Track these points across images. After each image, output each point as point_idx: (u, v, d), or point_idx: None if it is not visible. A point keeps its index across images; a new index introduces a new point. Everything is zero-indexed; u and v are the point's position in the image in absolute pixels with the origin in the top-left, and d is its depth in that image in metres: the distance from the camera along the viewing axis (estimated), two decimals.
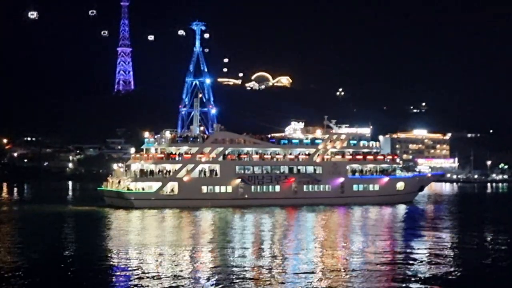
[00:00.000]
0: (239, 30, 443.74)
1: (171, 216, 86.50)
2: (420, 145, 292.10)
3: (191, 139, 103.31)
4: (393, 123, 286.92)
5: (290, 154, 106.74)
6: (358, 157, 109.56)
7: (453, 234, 66.75)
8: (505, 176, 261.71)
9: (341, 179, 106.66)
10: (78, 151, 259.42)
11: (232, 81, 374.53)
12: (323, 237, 63.79)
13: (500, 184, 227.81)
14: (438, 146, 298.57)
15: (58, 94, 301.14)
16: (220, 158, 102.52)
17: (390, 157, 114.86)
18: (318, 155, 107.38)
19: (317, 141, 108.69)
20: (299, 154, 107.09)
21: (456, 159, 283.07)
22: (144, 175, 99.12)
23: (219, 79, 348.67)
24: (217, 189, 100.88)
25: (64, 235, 65.64)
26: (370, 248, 55.54)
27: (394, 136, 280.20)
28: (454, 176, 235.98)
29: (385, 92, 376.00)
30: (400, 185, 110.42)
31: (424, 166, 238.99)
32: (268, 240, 61.68)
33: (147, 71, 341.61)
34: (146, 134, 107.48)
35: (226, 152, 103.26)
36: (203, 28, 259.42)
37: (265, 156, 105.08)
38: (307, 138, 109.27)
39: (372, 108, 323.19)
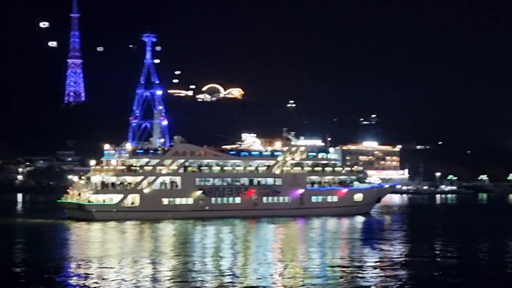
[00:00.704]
0: (191, 42, 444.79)
1: (132, 228, 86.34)
2: (370, 157, 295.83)
3: (152, 151, 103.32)
4: (343, 135, 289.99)
5: (250, 166, 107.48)
6: (317, 169, 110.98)
7: (408, 245, 67.51)
8: (454, 187, 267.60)
9: (300, 191, 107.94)
10: (28, 163, 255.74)
11: (183, 93, 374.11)
12: (282, 249, 64.25)
13: (449, 195, 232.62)
14: (388, 157, 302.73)
15: (6, 106, 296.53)
16: (181, 170, 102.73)
17: (348, 168, 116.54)
18: (278, 167, 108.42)
19: (276, 153, 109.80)
20: (258, 166, 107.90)
21: (406, 170, 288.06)
22: (105, 187, 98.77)
23: (170, 91, 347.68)
24: (178, 201, 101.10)
25: (20, 248, 64.99)
26: (327, 260, 56.10)
27: (345, 147, 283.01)
28: (404, 188, 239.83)
29: (335, 104, 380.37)
30: (358, 197, 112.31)
31: (374, 177, 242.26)
32: (228, 252, 61.75)
33: (98, 83, 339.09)
34: (107, 146, 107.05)
35: (187, 164, 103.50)
36: (154, 40, 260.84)
37: (226, 168, 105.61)
38: (266, 150, 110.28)
39: (323, 120, 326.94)
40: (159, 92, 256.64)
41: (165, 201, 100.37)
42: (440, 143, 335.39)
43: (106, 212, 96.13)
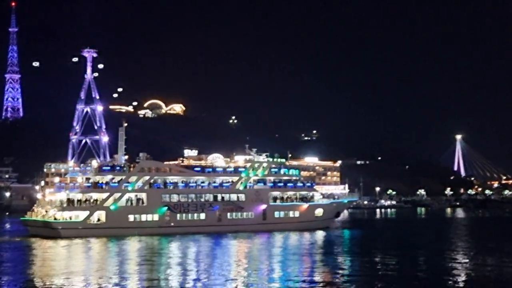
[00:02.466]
0: (132, 57, 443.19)
1: (97, 245, 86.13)
2: (311, 172, 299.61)
3: (118, 168, 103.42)
4: (284, 151, 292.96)
5: (214, 182, 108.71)
6: (279, 184, 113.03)
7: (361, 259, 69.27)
8: (393, 202, 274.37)
9: (263, 206, 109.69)
10: None
11: (124, 109, 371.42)
12: (245, 265, 64.77)
13: (388, 210, 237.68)
14: (329, 173, 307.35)
15: None
16: (147, 187, 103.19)
17: (308, 184, 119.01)
18: (241, 183, 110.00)
19: (240, 169, 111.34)
20: (222, 182, 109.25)
21: (346, 185, 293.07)
22: (71, 204, 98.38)
23: (111, 107, 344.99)
24: (143, 217, 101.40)
25: None
26: (290, 274, 57.12)
27: (287, 163, 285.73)
28: None
29: (276, 120, 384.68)
30: (319, 212, 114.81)
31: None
32: (192, 268, 62.34)
33: (36, 98, 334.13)
34: (71, 163, 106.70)
35: (152, 180, 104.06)
36: (95, 55, 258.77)
37: (191, 184, 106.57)
38: (230, 167, 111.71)
39: (264, 135, 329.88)
40: (99, 108, 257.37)
41: (131, 217, 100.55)
42: (379, 158, 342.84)
43: (72, 229, 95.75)
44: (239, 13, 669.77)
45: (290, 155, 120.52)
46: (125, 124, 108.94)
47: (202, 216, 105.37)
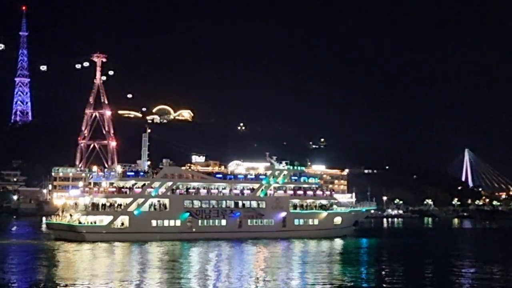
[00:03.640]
0: (141, 63, 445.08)
1: (120, 249, 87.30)
2: (319, 180, 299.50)
3: (141, 173, 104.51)
4: (292, 159, 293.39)
5: (236, 189, 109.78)
6: (299, 192, 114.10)
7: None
8: (400, 211, 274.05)
9: (283, 214, 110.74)
10: None
11: (133, 114, 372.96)
12: (264, 271, 65.23)
13: (395, 219, 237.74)
14: (336, 181, 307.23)
15: None
16: (169, 193, 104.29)
17: (328, 192, 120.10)
18: (261, 190, 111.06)
19: (261, 176, 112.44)
20: (243, 189, 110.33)
21: (354, 194, 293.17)
22: (96, 208, 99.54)
23: (120, 112, 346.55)
24: (166, 222, 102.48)
25: (9, 268, 64.96)
26: (307, 282, 57.98)
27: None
28: None
29: (284, 127, 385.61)
30: (338, 220, 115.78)
31: None
32: (212, 273, 63.21)
33: (45, 102, 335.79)
34: (95, 168, 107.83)
35: (174, 187, 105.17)
36: (104, 60, 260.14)
37: (212, 191, 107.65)
38: (251, 174, 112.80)
39: (272, 143, 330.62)
40: (108, 113, 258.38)
41: (154, 222, 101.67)
42: (387, 167, 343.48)
43: (96, 233, 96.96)
44: (249, 20, 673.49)
45: (309, 163, 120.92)
46: (149, 131, 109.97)
47: (223, 222, 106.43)
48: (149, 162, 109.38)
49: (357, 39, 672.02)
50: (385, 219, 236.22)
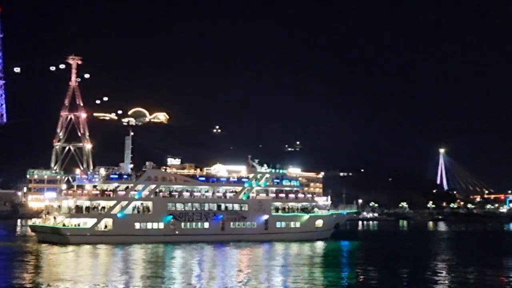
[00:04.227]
0: (116, 65, 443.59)
1: (105, 252, 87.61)
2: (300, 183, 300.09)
3: (125, 176, 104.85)
4: (268, 161, 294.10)
5: (218, 192, 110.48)
6: (281, 195, 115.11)
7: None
8: (376, 214, 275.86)
9: (266, 216, 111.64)
10: None
11: (108, 116, 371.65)
12: (245, 273, 65.91)
13: (370, 222, 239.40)
14: (312, 184, 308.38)
15: None
16: (153, 195, 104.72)
17: (309, 195, 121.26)
18: (244, 193, 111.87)
19: (243, 179, 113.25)
20: (226, 192, 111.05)
21: (329, 197, 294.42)
22: (80, 211, 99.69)
23: (95, 114, 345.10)
24: (149, 225, 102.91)
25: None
26: (291, 284, 58.66)
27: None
28: None
29: (261, 130, 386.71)
30: (319, 223, 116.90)
31: None
32: (194, 276, 63.80)
33: (21, 105, 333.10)
34: (78, 171, 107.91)
35: (158, 189, 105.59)
36: (80, 62, 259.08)
37: (195, 194, 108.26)
38: (233, 177, 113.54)
39: (248, 145, 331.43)
40: (83, 115, 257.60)
41: (137, 225, 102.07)
42: (362, 170, 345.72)
43: (80, 236, 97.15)
44: (223, 23, 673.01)
45: (291, 166, 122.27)
46: (131, 134, 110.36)
47: (206, 225, 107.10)
48: (132, 165, 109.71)
49: (334, 41, 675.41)
50: (360, 222, 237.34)
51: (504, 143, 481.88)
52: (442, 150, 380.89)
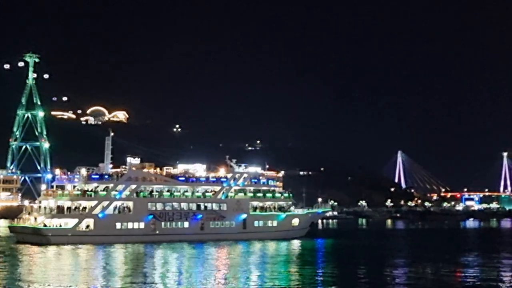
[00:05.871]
0: (75, 63, 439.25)
1: (85, 252, 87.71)
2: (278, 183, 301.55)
3: (106, 176, 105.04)
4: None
5: (198, 191, 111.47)
6: (258, 194, 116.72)
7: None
8: (335, 213, 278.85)
9: (244, 216, 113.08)
10: None
11: (66, 115, 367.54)
12: (224, 272, 67.02)
13: (330, 221, 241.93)
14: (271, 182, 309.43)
15: None
16: (133, 195, 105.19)
17: (286, 194, 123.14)
18: (222, 192, 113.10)
19: (222, 179, 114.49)
20: (205, 191, 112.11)
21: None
22: (61, 211, 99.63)
23: (53, 113, 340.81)
24: (130, 225, 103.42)
25: None
26: (265, 282, 59.96)
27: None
28: None
29: (220, 129, 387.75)
30: (295, 221, 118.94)
31: None
32: (174, 275, 64.66)
33: None
34: (57, 171, 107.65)
35: (138, 189, 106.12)
36: (37, 60, 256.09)
37: (175, 193, 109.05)
38: (213, 177, 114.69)
39: (208, 144, 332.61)
40: (41, 114, 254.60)
41: (118, 225, 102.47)
42: (322, 169, 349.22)
43: (61, 236, 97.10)
44: (182, 18, 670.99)
45: (267, 166, 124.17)
46: (112, 134, 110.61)
47: (186, 224, 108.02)
48: (111, 165, 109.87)
49: (294, 40, 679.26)
50: (319, 221, 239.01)
51: (459, 142, 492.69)
52: (400, 150, 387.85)
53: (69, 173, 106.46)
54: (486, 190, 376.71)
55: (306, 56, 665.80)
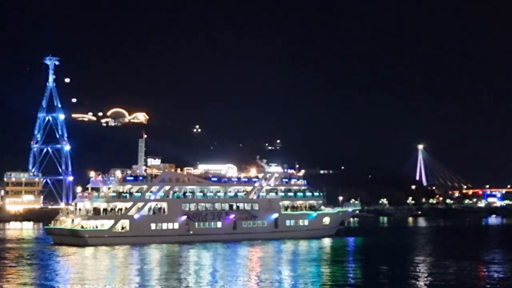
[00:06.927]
0: (95, 65, 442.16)
1: (121, 253, 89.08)
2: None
3: (140, 178, 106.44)
4: (249, 160, 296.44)
5: (230, 192, 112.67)
6: (289, 194, 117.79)
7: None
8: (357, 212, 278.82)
9: (275, 215, 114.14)
10: None
11: (87, 117, 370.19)
12: (258, 271, 67.94)
13: (351, 219, 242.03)
14: (292, 181, 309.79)
15: None
16: (168, 196, 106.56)
17: (316, 193, 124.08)
18: (254, 192, 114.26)
19: (253, 179, 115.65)
20: (237, 192, 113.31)
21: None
22: (97, 213, 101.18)
23: (73, 115, 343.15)
24: (164, 226, 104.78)
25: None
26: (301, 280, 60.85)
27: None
28: None
29: (240, 129, 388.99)
30: (326, 220, 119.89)
31: None
32: (209, 274, 65.61)
33: None
34: (92, 173, 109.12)
35: (172, 191, 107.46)
36: (57, 63, 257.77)
37: (207, 194, 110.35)
38: (244, 177, 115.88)
39: (228, 144, 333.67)
40: (61, 116, 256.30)
41: (153, 226, 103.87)
42: (342, 168, 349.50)
43: (98, 238, 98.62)
44: (202, 20, 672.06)
45: (297, 166, 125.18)
46: (145, 136, 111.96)
47: (219, 224, 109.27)
48: (145, 167, 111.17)
49: (316, 41, 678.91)
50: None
51: (481, 138, 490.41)
52: (420, 146, 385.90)
53: (105, 175, 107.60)
54: (509, 186, 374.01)
55: (324, 56, 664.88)
